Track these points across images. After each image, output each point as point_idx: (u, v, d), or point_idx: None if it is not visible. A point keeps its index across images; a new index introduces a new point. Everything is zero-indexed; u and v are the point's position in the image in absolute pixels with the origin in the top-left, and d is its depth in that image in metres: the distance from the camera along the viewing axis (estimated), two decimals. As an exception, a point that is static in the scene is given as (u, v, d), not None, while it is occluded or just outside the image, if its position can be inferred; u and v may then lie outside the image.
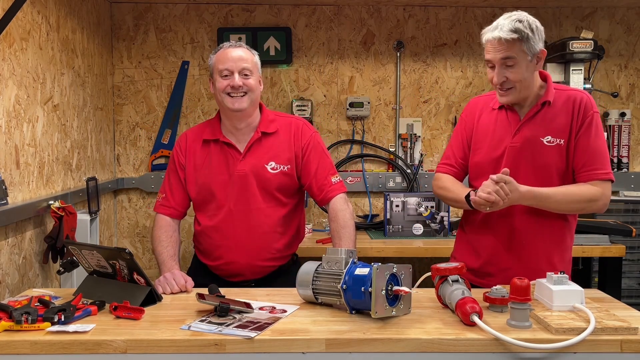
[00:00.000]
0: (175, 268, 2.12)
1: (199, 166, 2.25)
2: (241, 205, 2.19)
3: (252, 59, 2.21)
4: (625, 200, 3.37)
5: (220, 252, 2.23)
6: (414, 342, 1.50)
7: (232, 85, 2.14)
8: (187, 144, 2.28)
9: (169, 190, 2.29)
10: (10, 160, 2.12)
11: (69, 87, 2.73)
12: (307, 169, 2.25)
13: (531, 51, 1.94)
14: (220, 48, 2.22)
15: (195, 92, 3.54)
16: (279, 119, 2.29)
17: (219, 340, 1.49)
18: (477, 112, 2.15)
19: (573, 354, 1.48)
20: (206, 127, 2.30)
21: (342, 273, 1.69)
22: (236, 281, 2.23)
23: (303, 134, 2.27)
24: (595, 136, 2.00)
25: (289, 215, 2.26)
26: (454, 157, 2.19)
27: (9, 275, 2.09)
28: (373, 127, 3.60)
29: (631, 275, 3.38)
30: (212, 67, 2.22)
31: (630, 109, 3.58)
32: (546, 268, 1.94)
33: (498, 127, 2.08)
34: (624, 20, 3.57)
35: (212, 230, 2.23)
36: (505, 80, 1.96)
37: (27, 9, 2.27)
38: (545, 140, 2.00)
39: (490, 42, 1.96)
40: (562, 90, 2.07)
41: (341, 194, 2.25)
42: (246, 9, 3.50)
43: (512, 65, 1.94)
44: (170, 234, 2.24)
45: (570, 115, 2.01)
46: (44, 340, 1.49)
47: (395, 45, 3.53)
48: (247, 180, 2.19)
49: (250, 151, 2.21)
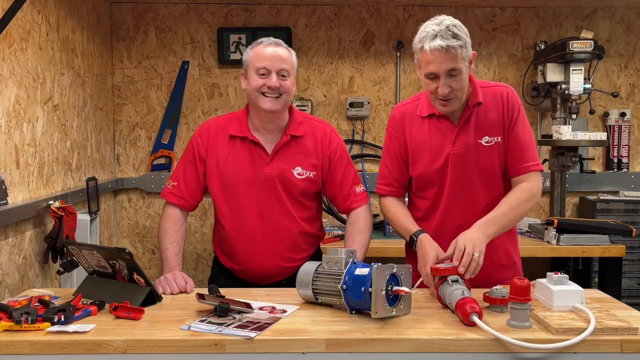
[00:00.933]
0: (177, 268, 2.10)
1: (222, 161, 2.18)
2: (269, 207, 2.16)
3: (291, 59, 2.14)
4: (625, 200, 3.37)
5: (248, 256, 2.18)
6: (414, 342, 1.50)
7: (268, 86, 2.08)
8: (210, 137, 2.21)
9: (183, 180, 2.22)
10: (10, 160, 2.12)
11: (69, 87, 2.73)
12: (333, 178, 2.22)
13: (467, 56, 1.91)
14: (259, 43, 2.13)
15: (195, 92, 3.54)
16: (307, 122, 2.24)
17: (219, 340, 1.49)
18: (405, 124, 2.09)
19: (573, 354, 1.48)
20: (232, 121, 2.22)
21: (342, 273, 1.69)
22: (263, 284, 2.18)
23: (331, 141, 2.23)
24: (522, 129, 2.01)
25: (313, 216, 2.26)
26: (392, 176, 2.13)
27: (9, 275, 2.09)
28: (373, 127, 3.60)
29: (631, 275, 3.38)
30: (248, 62, 2.13)
31: (630, 109, 3.58)
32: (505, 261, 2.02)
33: (434, 137, 2.03)
34: (624, 20, 3.57)
35: (238, 232, 2.18)
36: (450, 91, 1.90)
37: (27, 9, 2.27)
38: (483, 141, 1.99)
39: (432, 53, 1.86)
40: (486, 87, 2.04)
41: (365, 204, 2.25)
42: (246, 9, 3.50)
43: (456, 75, 1.88)
44: (178, 227, 2.19)
45: (501, 112, 2.00)
46: (43, 341, 1.49)
47: (395, 45, 3.53)
48: (273, 184, 2.15)
49: (278, 154, 2.17)
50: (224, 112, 3.53)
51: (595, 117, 3.59)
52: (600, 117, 3.59)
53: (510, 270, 2.06)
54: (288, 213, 2.17)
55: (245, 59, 2.16)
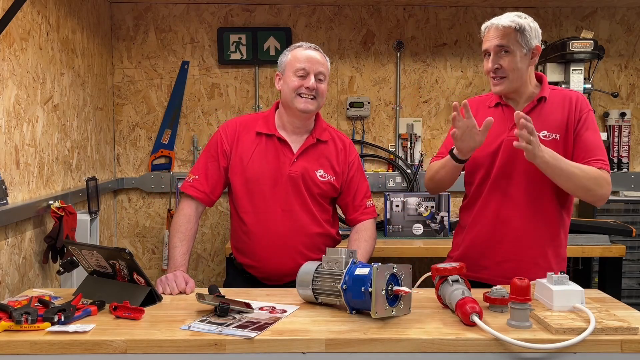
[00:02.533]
0: (182, 268, 2.09)
1: (247, 157, 2.21)
2: (292, 205, 2.19)
3: (327, 64, 2.23)
4: (625, 200, 3.38)
5: (268, 253, 2.19)
6: (414, 342, 1.50)
7: (306, 86, 2.13)
8: (237, 132, 2.24)
9: (204, 174, 2.23)
10: (10, 160, 2.12)
11: (69, 87, 2.73)
12: (348, 188, 2.29)
13: (527, 44, 1.98)
14: (299, 46, 2.22)
15: (195, 92, 3.54)
16: (330, 130, 2.32)
17: (219, 340, 1.49)
18: (473, 109, 2.15)
19: (573, 354, 1.48)
20: (258, 120, 2.27)
21: (342, 273, 1.69)
22: (278, 284, 2.18)
23: (350, 152, 2.31)
24: (593, 132, 2.04)
25: (331, 220, 2.31)
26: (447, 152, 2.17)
27: (9, 275, 2.09)
28: (373, 127, 3.60)
29: (631, 275, 3.38)
30: (286, 63, 2.20)
31: (630, 109, 3.58)
32: (542, 263, 1.96)
33: (494, 122, 2.07)
34: (624, 20, 3.57)
35: (262, 228, 2.19)
36: (499, 68, 2.00)
37: (27, 9, 2.27)
38: (541, 135, 2.01)
39: (487, 31, 2.02)
40: (558, 90, 2.12)
41: (372, 218, 2.31)
42: (246, 9, 3.50)
43: (507, 53, 1.98)
44: (191, 225, 2.19)
45: (567, 112, 2.04)
46: (43, 341, 1.49)
47: (395, 45, 3.53)
48: (297, 183, 2.19)
49: (303, 154, 2.22)
50: (224, 112, 3.54)
51: (595, 117, 3.58)
52: (600, 117, 3.59)
53: (543, 272, 2.03)
54: (310, 212, 2.21)
55: (283, 60, 2.23)
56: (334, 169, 2.26)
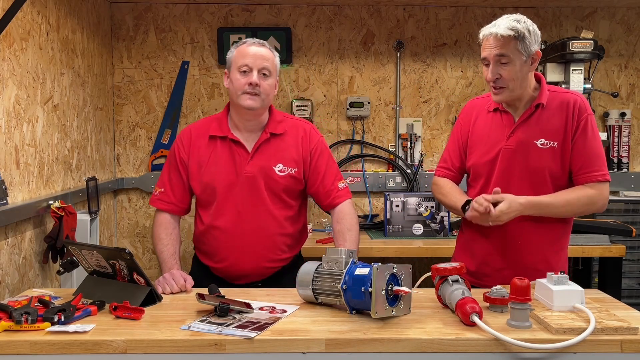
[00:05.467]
0: (175, 267, 2.11)
1: (203, 163, 2.20)
2: (249, 206, 2.17)
3: (274, 59, 2.17)
4: (625, 200, 3.37)
5: (225, 254, 2.20)
6: (414, 342, 1.50)
7: (249, 83, 2.10)
8: (191, 140, 2.23)
9: (169, 186, 2.24)
10: (10, 160, 2.12)
11: (69, 87, 2.73)
12: (315, 174, 2.24)
13: (526, 51, 1.95)
14: (243, 43, 2.17)
15: (195, 92, 3.54)
16: (286, 120, 2.27)
17: (219, 340, 1.49)
18: (473, 115, 2.16)
19: (573, 354, 1.48)
20: (212, 123, 2.25)
21: (342, 273, 1.69)
22: (240, 283, 2.20)
23: (311, 138, 2.25)
24: (592, 138, 2.02)
25: (294, 216, 2.26)
26: (451, 161, 2.21)
27: (9, 275, 2.09)
28: (373, 127, 3.60)
29: (631, 275, 3.38)
30: (231, 60, 2.17)
31: (630, 109, 3.58)
32: (543, 267, 1.95)
33: (493, 130, 2.09)
34: (624, 20, 3.57)
35: (217, 230, 2.20)
36: (499, 78, 1.97)
37: (27, 9, 2.27)
38: (539, 142, 2.01)
39: (486, 39, 1.98)
40: (556, 92, 2.07)
41: (348, 199, 2.26)
42: (246, 9, 3.50)
43: (507, 63, 1.95)
44: (170, 231, 2.22)
45: (565, 118, 2.01)
46: (43, 341, 1.49)
47: (395, 45, 3.53)
48: (255, 182, 2.16)
49: (258, 152, 2.19)
50: (224, 112, 3.53)
51: (595, 117, 3.58)
52: (600, 117, 3.59)
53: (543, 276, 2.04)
54: (268, 212, 2.18)
55: (229, 57, 2.19)
56: (294, 160, 2.20)
